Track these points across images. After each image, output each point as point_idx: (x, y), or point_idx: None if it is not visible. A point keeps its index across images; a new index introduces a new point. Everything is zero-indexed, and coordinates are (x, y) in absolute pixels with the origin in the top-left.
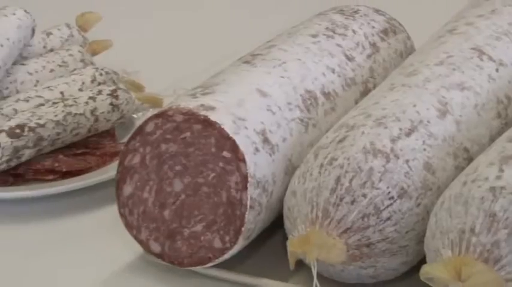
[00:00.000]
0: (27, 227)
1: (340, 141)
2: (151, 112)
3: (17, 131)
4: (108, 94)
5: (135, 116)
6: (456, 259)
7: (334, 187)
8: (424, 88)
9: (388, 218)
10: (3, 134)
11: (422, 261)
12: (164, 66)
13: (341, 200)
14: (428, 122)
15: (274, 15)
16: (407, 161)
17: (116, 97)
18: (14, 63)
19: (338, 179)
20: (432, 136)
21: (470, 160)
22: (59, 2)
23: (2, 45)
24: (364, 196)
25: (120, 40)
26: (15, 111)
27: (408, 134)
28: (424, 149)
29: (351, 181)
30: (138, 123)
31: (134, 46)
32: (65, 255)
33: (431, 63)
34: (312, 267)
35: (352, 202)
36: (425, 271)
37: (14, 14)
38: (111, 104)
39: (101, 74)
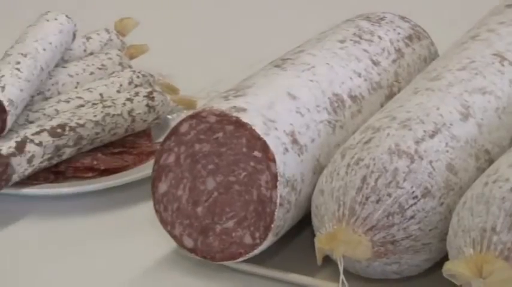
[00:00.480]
0: (68, 222)
1: (366, 142)
2: (186, 113)
3: (59, 130)
4: (144, 96)
5: (170, 117)
6: (477, 257)
7: (360, 186)
8: (447, 92)
9: (412, 217)
10: (46, 133)
11: (445, 258)
12: (198, 70)
13: (367, 199)
14: (451, 124)
15: (304, 21)
16: (430, 162)
17: (152, 99)
18: (56, 66)
19: (364, 179)
20: (455, 138)
21: (491, 161)
22: (99, 8)
23: (44, 49)
24: (389, 195)
25: (156, 44)
26: (57, 111)
27: (432, 136)
28: (447, 151)
29: (376, 180)
30: (172, 124)
31: (170, 50)
32: (103, 248)
33: (454, 68)
34: (339, 263)
35: (378, 201)
36: (448, 267)
37: (56, 19)
38: (147, 105)
39: (138, 77)
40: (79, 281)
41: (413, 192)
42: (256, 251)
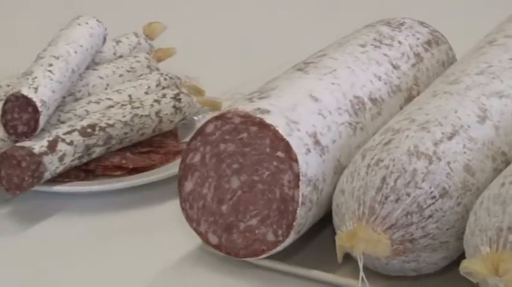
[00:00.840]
0: (97, 219)
1: (386, 143)
2: (211, 114)
3: (89, 130)
4: (171, 97)
5: (195, 118)
6: (494, 255)
7: (380, 186)
8: (465, 95)
9: (430, 216)
10: (76, 133)
11: (462, 256)
12: (223, 73)
13: (386, 198)
14: (468, 127)
15: (326, 26)
16: (448, 163)
17: (179, 100)
18: (87, 68)
19: (384, 179)
20: (472, 140)
21: (507, 163)
22: (128, 13)
23: (76, 52)
24: (408, 195)
25: (183, 48)
26: (87, 112)
27: (450, 138)
28: (465, 152)
29: (395, 180)
30: (198, 124)
31: (196, 54)
32: (131, 244)
33: (472, 72)
34: (359, 260)
35: (397, 200)
36: (465, 266)
37: (87, 23)
38: (174, 106)
39: (165, 79)
40: (108, 275)
41: (431, 192)
42: (279, 248)
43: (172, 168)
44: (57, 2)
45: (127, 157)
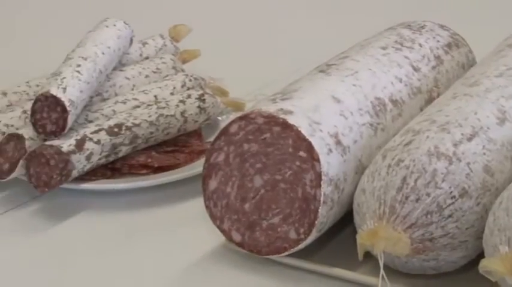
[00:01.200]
0: (123, 216)
1: (407, 144)
2: (235, 115)
3: (115, 129)
4: (196, 98)
5: (219, 118)
6: None
7: (400, 186)
8: (484, 97)
9: (450, 216)
10: (103, 132)
11: (481, 255)
12: (246, 74)
13: (406, 198)
14: (488, 128)
15: (348, 28)
16: (468, 163)
17: (203, 101)
18: (114, 69)
19: (404, 179)
20: (491, 141)
21: None
22: (154, 15)
23: (103, 53)
24: (428, 194)
25: (208, 50)
26: (114, 112)
27: (469, 139)
28: (484, 153)
29: (416, 180)
30: (222, 124)
31: (220, 55)
32: (156, 241)
33: (491, 74)
34: (379, 258)
35: (417, 200)
36: (484, 264)
37: (115, 25)
38: (198, 107)
39: (190, 80)
40: (133, 271)
41: (451, 192)
42: (301, 246)
43: (196, 167)
44: (86, 4)
45: (152, 156)
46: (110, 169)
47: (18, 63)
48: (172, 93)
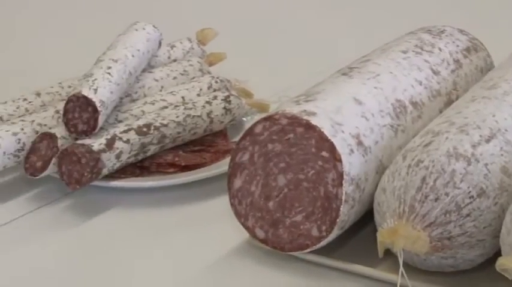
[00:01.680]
0: (151, 213)
1: (426, 145)
2: (259, 116)
3: (144, 129)
4: (222, 99)
5: (244, 119)
6: None
7: (420, 185)
8: (502, 100)
9: (468, 215)
10: (133, 132)
11: (498, 254)
12: (270, 76)
13: (426, 197)
14: (506, 130)
15: (369, 33)
16: (486, 164)
17: (229, 102)
18: (143, 71)
19: (424, 179)
20: (509, 143)
21: None
22: (182, 19)
23: (133, 56)
24: (447, 194)
25: (234, 53)
26: (143, 112)
27: (487, 141)
28: (502, 155)
29: (435, 180)
30: (247, 125)
31: (245, 58)
32: (183, 238)
33: (509, 78)
34: (399, 256)
35: (436, 200)
36: (501, 263)
37: (144, 28)
38: (224, 108)
39: (216, 82)
40: (160, 267)
41: (469, 192)
42: (322, 243)
43: (222, 166)
44: (117, 9)
45: (179, 155)
46: (139, 167)
47: (51, 65)
48: (199, 95)
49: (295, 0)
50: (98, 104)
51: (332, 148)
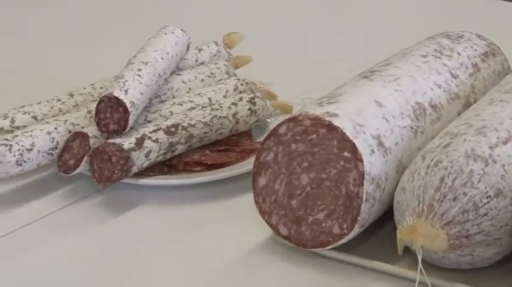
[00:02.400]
0: (178, 210)
1: (445, 146)
2: (283, 117)
3: (172, 129)
4: (247, 101)
5: (269, 120)
6: None
7: (438, 185)
8: None
9: (485, 214)
10: (161, 132)
11: None
12: (294, 79)
13: (444, 197)
14: None
15: (389, 37)
16: (503, 165)
17: (254, 104)
18: (172, 74)
19: (442, 179)
20: None
21: None
22: (209, 24)
23: (162, 58)
24: (465, 194)
25: (259, 56)
26: (171, 113)
27: (505, 143)
28: None
29: (453, 181)
30: (271, 126)
31: (270, 62)
32: (209, 234)
33: None
34: (417, 253)
35: (454, 199)
36: None
37: (173, 32)
38: (249, 109)
39: (242, 84)
40: (186, 262)
41: (486, 192)
42: (344, 241)
43: (247, 165)
44: (147, 13)
45: (206, 154)
46: (167, 165)
47: (84, 67)
48: (225, 96)
49: (319, 4)
50: (128, 105)
51: (353, 148)
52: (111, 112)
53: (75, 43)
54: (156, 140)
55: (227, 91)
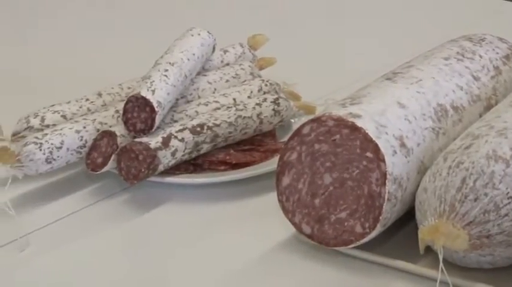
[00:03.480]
0: (203, 207)
1: (467, 148)
2: (306, 117)
3: (198, 129)
4: (271, 102)
5: (292, 120)
6: None
7: (460, 186)
8: None
9: (506, 215)
10: (187, 131)
11: None
12: (317, 80)
13: (466, 197)
14: None
15: (412, 39)
16: None
17: (278, 104)
18: (198, 74)
19: (464, 180)
20: None
21: None
22: (235, 25)
23: (188, 59)
24: (486, 195)
25: (283, 58)
26: (197, 113)
27: None
28: None
29: (475, 181)
30: (295, 126)
31: (294, 63)
32: (233, 232)
33: None
34: (439, 253)
35: (475, 200)
36: None
37: (199, 34)
38: (273, 109)
39: (266, 85)
40: (210, 259)
41: (507, 193)
42: (366, 239)
43: (270, 164)
44: (174, 15)
45: (231, 154)
46: (192, 164)
47: (112, 67)
48: (249, 97)
49: (341, 6)
50: (155, 105)
51: (376, 149)
52: (139, 112)
53: (104, 44)
54: (182, 140)
55: (251, 92)
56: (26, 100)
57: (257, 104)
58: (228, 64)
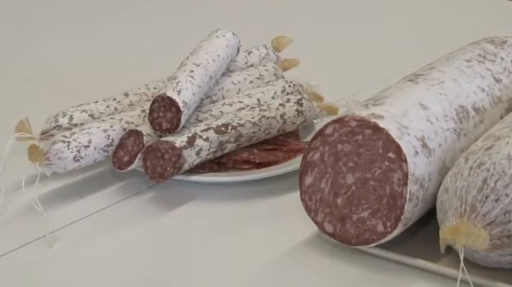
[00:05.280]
0: (227, 206)
1: (488, 149)
2: (329, 118)
3: (222, 128)
4: (294, 102)
5: (315, 121)
6: None
7: (481, 186)
8: None
9: None
10: (212, 131)
11: None
12: (340, 81)
13: (487, 198)
14: None
15: (434, 41)
16: None
17: (301, 105)
18: (222, 75)
19: (485, 181)
20: None
21: None
22: (259, 27)
23: (213, 60)
24: (507, 195)
25: (306, 59)
26: (221, 113)
27: None
28: None
29: (496, 182)
30: (318, 126)
31: (317, 65)
32: (256, 230)
33: None
34: (460, 252)
35: (496, 200)
36: None
37: (224, 35)
38: (296, 110)
39: (289, 86)
40: (234, 257)
41: None
42: (387, 239)
43: (293, 164)
44: (200, 17)
45: (254, 153)
46: (217, 163)
47: (139, 68)
48: (273, 98)
49: (365, 9)
50: (180, 105)
51: (398, 149)
52: (164, 111)
53: (132, 45)
54: (207, 139)
55: (275, 92)
56: (55, 99)
57: (280, 104)
58: (252, 65)
